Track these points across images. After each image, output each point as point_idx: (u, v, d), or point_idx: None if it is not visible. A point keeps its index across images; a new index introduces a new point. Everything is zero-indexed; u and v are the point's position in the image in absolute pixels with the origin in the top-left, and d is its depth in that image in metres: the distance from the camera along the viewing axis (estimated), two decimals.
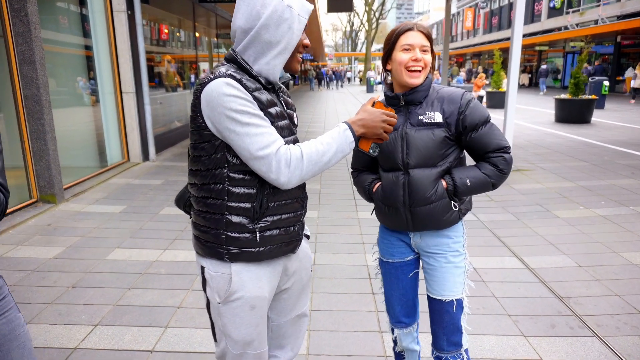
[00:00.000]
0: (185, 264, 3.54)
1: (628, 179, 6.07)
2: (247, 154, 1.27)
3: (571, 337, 2.59)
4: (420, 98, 1.69)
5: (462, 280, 1.77)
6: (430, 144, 1.66)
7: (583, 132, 10.39)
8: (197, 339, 2.58)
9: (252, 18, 1.29)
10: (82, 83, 6.33)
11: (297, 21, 1.32)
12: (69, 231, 4.23)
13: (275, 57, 1.33)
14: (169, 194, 5.50)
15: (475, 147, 1.70)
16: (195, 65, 10.91)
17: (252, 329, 1.45)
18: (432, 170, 1.68)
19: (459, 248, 1.78)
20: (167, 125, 8.92)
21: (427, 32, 1.68)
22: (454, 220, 1.73)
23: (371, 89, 30.86)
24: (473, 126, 1.67)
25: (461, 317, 1.77)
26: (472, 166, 1.73)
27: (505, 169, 1.69)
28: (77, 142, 6.22)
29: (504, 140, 1.70)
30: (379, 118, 1.39)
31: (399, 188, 1.70)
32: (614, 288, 3.15)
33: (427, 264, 1.80)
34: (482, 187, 1.70)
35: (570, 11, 26.86)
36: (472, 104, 1.67)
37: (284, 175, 1.28)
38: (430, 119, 1.67)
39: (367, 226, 4.41)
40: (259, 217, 1.37)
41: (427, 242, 1.78)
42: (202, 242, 1.42)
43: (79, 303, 2.95)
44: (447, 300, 1.75)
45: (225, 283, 1.40)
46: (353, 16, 60.80)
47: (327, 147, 1.32)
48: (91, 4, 6.48)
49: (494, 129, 1.70)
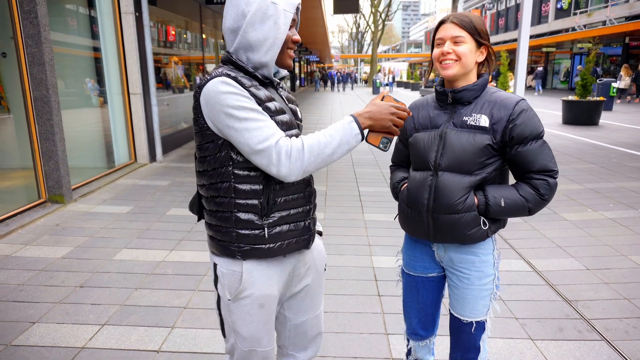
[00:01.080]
0: (192, 265, 3.55)
1: (636, 182, 6.02)
2: (248, 148, 1.28)
3: (579, 341, 2.57)
4: (470, 98, 1.56)
5: (486, 303, 1.63)
6: (469, 149, 1.51)
7: (591, 134, 10.32)
8: (203, 339, 2.58)
9: (238, 18, 1.32)
10: (90, 84, 6.38)
11: (282, 16, 1.32)
12: (77, 231, 4.26)
13: (265, 53, 1.33)
14: (175, 195, 5.52)
15: (518, 163, 1.54)
16: (202, 66, 10.96)
17: (261, 326, 1.46)
18: (464, 177, 1.53)
19: (486, 268, 1.62)
20: (173, 127, 8.96)
21: (463, 21, 1.52)
22: (480, 237, 1.57)
23: (377, 90, 30.87)
24: (521, 139, 1.50)
25: (480, 337, 1.66)
26: (510, 186, 1.57)
27: (547, 195, 1.52)
28: (85, 142, 6.27)
29: (553, 163, 1.52)
30: (387, 111, 1.34)
31: (425, 190, 1.58)
32: (622, 291, 3.12)
33: (450, 280, 1.69)
34: (517, 211, 1.54)
35: (578, 12, 26.71)
36: (527, 114, 1.50)
37: (285, 167, 1.27)
38: (475, 122, 1.53)
39: (373, 228, 4.41)
40: (267, 213, 1.37)
41: (452, 257, 1.65)
42: (214, 241, 1.44)
43: (87, 303, 2.97)
44: (466, 321, 1.66)
45: (236, 281, 1.41)
46: (359, 17, 60.84)
47: (330, 138, 1.30)
48: (100, 6, 6.54)
49: (544, 148, 1.52)
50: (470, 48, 1.52)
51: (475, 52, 1.54)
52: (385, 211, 4.93)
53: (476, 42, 1.52)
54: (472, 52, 1.52)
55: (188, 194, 5.55)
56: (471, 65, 1.54)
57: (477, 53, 1.54)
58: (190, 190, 5.70)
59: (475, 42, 1.52)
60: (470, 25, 1.51)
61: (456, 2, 11.60)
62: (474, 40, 1.52)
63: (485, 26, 1.56)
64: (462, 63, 1.52)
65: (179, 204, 5.14)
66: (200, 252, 3.80)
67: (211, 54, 11.73)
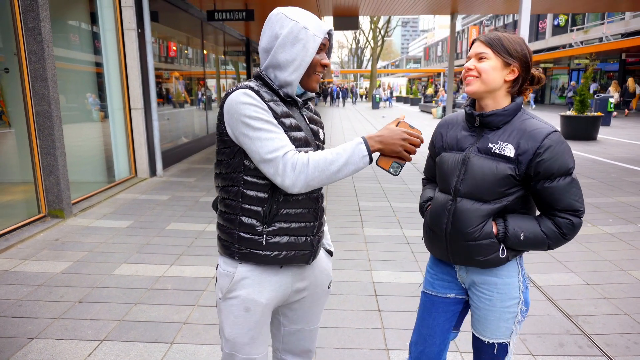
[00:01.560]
0: (192, 280, 3.54)
1: (635, 196, 6.03)
2: (258, 156, 1.35)
3: (580, 357, 2.55)
4: (499, 123, 1.50)
5: (509, 326, 1.57)
6: (490, 178, 1.46)
7: (589, 149, 10.37)
8: (203, 355, 2.57)
9: (272, 39, 1.42)
10: (91, 99, 6.43)
11: (312, 40, 1.40)
12: (77, 246, 4.25)
13: (291, 73, 1.42)
14: (175, 209, 5.53)
15: (542, 198, 1.47)
16: (203, 81, 11.06)
17: (244, 331, 1.49)
18: (482, 205, 1.49)
19: (510, 291, 1.55)
20: (174, 142, 9.01)
21: (489, 39, 1.49)
22: (499, 262, 1.52)
23: (377, 105, 31.04)
24: (548, 175, 1.43)
25: (503, 359, 1.62)
26: (533, 218, 1.52)
27: (569, 235, 1.46)
28: (86, 157, 6.30)
29: (580, 203, 1.45)
30: (399, 136, 1.36)
31: (444, 214, 1.56)
32: (623, 307, 3.12)
33: (472, 300, 1.64)
34: (536, 246, 1.49)
35: (575, 29, 27.06)
36: (556, 149, 1.42)
37: (289, 179, 1.32)
38: (500, 150, 1.47)
39: (373, 242, 4.41)
40: (268, 222, 1.43)
41: (473, 279, 1.60)
42: (220, 240, 1.52)
43: (86, 318, 2.96)
44: (487, 342, 1.61)
45: (228, 281, 1.48)
46: (359, 34, 61.52)
47: (337, 157, 1.34)
48: (102, 22, 6.63)
49: (572, 186, 1.44)
50: (492, 65, 1.47)
51: (502, 70, 1.48)
52: (385, 226, 4.93)
53: (503, 60, 1.47)
54: (496, 69, 1.47)
55: (188, 208, 5.56)
56: (495, 83, 1.48)
57: (504, 71, 1.48)
58: (190, 205, 5.70)
59: (501, 60, 1.47)
60: (496, 42, 1.47)
61: (454, 19, 11.76)
62: (500, 58, 1.47)
63: (525, 45, 1.50)
64: (482, 79, 1.48)
65: (179, 218, 5.14)
66: (200, 267, 3.79)
67: (212, 70, 11.85)
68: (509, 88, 1.52)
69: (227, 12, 9.23)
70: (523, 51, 1.50)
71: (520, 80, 1.52)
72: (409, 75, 65.55)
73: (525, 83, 1.54)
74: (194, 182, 7.06)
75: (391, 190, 6.62)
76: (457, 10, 11.54)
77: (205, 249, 4.21)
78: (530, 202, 1.56)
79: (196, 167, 8.47)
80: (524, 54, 1.50)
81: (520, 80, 1.52)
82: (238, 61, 14.86)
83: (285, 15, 1.41)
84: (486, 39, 1.50)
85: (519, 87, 1.54)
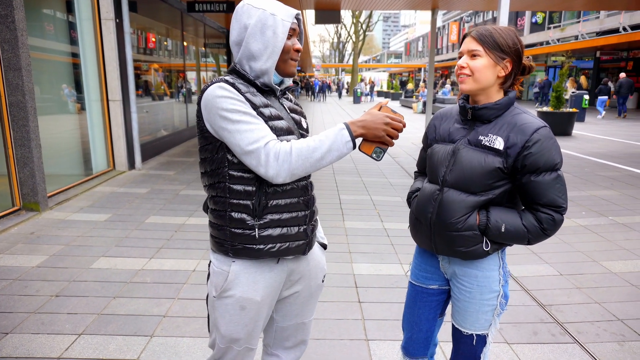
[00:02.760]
0: (172, 273, 3.52)
1: (607, 190, 6.22)
2: (239, 149, 1.34)
3: (553, 344, 2.64)
4: (490, 117, 1.51)
5: (488, 318, 1.60)
6: (477, 170, 1.48)
7: (565, 145, 10.62)
8: (183, 348, 2.56)
9: (241, 30, 1.41)
10: (67, 90, 6.29)
11: (281, 25, 1.40)
12: (53, 239, 4.18)
13: (265, 60, 1.41)
14: (155, 202, 5.46)
15: (527, 192, 1.49)
16: (183, 74, 10.91)
17: (240, 327, 1.49)
18: (469, 197, 1.50)
19: (490, 283, 1.58)
20: (153, 134, 8.88)
21: (481, 35, 1.47)
22: (480, 254, 1.54)
23: (358, 99, 31.13)
24: (534, 169, 1.44)
25: (482, 351, 1.64)
26: (515, 212, 1.53)
27: (550, 231, 1.48)
28: (62, 149, 6.16)
29: (563, 199, 1.46)
30: (382, 121, 1.35)
31: (430, 204, 1.58)
32: (594, 296, 3.22)
33: (453, 291, 1.68)
34: (516, 239, 1.51)
35: (552, 27, 27.57)
36: (544, 143, 1.43)
37: (273, 169, 1.31)
38: (489, 143, 1.48)
39: (353, 235, 4.44)
40: (258, 215, 1.41)
41: (455, 270, 1.63)
42: (212, 238, 1.51)
43: (63, 312, 2.91)
44: (466, 333, 1.64)
45: (223, 279, 1.47)
46: (340, 28, 61.44)
47: (320, 144, 1.33)
48: (79, 12, 6.47)
49: (557, 182, 1.46)
50: (485, 63, 1.47)
51: (495, 67, 1.48)
52: (366, 219, 4.98)
53: (496, 56, 1.47)
54: (489, 67, 1.47)
55: (167, 201, 5.50)
56: (488, 81, 1.49)
57: (497, 68, 1.48)
58: (170, 198, 5.65)
59: (494, 57, 1.47)
60: (489, 39, 1.46)
61: (435, 14, 11.85)
62: (493, 55, 1.47)
63: (517, 38, 1.50)
64: (475, 78, 1.48)
65: (158, 211, 5.09)
66: (180, 259, 3.77)
67: (192, 62, 11.69)
68: (502, 83, 1.53)
69: (208, 3, 9.10)
70: (515, 45, 1.49)
71: (513, 74, 1.52)
72: (390, 70, 65.83)
73: (517, 74, 1.54)
74: (174, 175, 6.99)
75: (372, 184, 6.67)
76: (437, 6, 11.62)
77: (185, 242, 4.18)
78: (517, 198, 1.57)
79: (176, 160, 8.38)
80: (517, 49, 1.49)
81: (512, 75, 1.52)
82: (219, 54, 14.70)
83: (252, 5, 1.40)
84: (478, 35, 1.48)
85: (512, 81, 1.54)
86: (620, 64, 23.43)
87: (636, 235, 4.45)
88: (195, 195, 5.83)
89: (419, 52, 61.10)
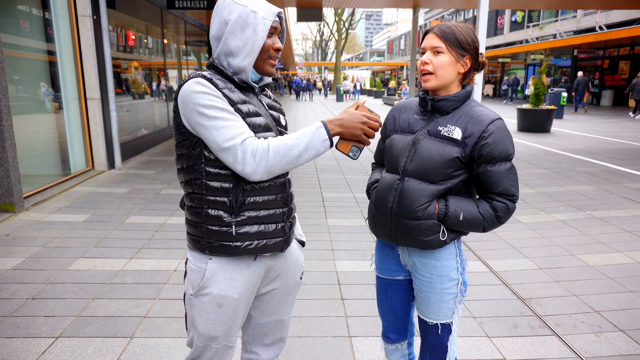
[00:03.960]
0: (152, 273, 3.47)
1: (584, 185, 6.35)
2: (215, 146, 1.32)
3: (532, 337, 2.68)
4: (449, 108, 1.56)
5: (450, 306, 1.65)
6: (436, 159, 1.52)
7: (543, 141, 10.81)
8: (164, 348, 2.53)
9: (222, 26, 1.40)
10: (44, 89, 6.15)
11: (261, 24, 1.39)
12: (29, 241, 4.08)
13: (243, 58, 1.40)
14: (135, 202, 5.38)
15: (482, 181, 1.54)
16: (164, 72, 10.77)
17: (218, 325, 1.48)
18: (428, 186, 1.54)
19: (449, 272, 1.63)
20: (133, 133, 8.74)
21: (444, 32, 1.52)
22: (439, 244, 1.58)
23: (341, 97, 31.15)
24: (490, 158, 1.50)
25: (447, 339, 1.69)
26: (471, 200, 1.59)
27: (503, 218, 1.55)
28: (39, 149, 6.02)
29: (515, 188, 1.54)
30: (359, 119, 1.37)
31: (391, 193, 1.60)
32: (571, 289, 3.29)
33: (414, 283, 1.72)
34: (472, 227, 1.56)
35: (531, 25, 28.01)
36: (499, 134, 1.50)
37: (250, 166, 1.30)
38: (448, 133, 1.53)
39: (336, 232, 4.45)
40: (235, 212, 1.40)
41: (415, 262, 1.67)
42: (189, 235, 1.49)
43: (39, 315, 2.85)
44: (431, 323, 1.68)
45: (199, 277, 1.45)
46: (323, 26, 61.45)
47: (297, 141, 1.33)
48: (55, 8, 6.32)
49: (511, 172, 1.53)
50: (448, 60, 1.51)
51: (456, 64, 1.53)
52: (348, 216, 4.98)
53: (457, 53, 1.52)
54: (451, 64, 1.52)
55: (148, 201, 5.42)
56: (450, 77, 1.54)
57: (458, 64, 1.53)
58: (151, 198, 5.57)
59: (456, 53, 1.52)
60: (451, 36, 1.51)
61: (417, 13, 11.93)
62: (455, 52, 1.51)
63: (474, 35, 1.56)
64: (438, 75, 1.52)
65: (139, 211, 5.01)
66: (161, 259, 3.72)
67: (173, 60, 11.55)
68: (461, 79, 1.59)
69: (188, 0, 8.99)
70: (474, 43, 1.55)
71: (471, 70, 1.59)
72: (373, 68, 66.10)
73: (473, 70, 1.60)
74: (155, 175, 6.90)
75: (354, 182, 6.69)
76: (419, 4, 11.71)
77: (166, 241, 4.13)
78: (472, 187, 1.63)
79: (157, 159, 8.27)
80: (475, 47, 1.55)
81: (470, 71, 1.59)
82: (200, 51, 14.54)
83: (233, 0, 1.39)
84: (440, 32, 1.52)
85: (470, 77, 1.60)
86: (597, 62, 23.94)
87: (612, 229, 4.55)
88: (177, 194, 5.76)
89: (402, 50, 61.46)
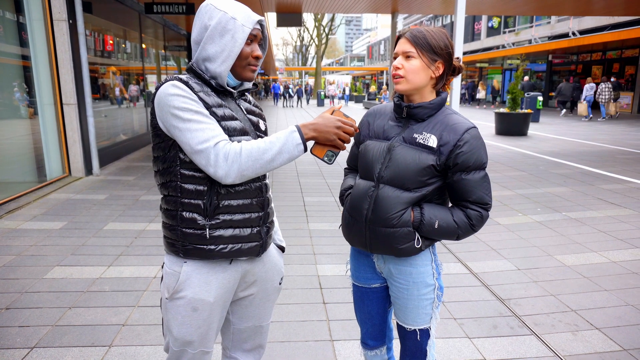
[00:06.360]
0: (131, 280, 3.41)
1: (561, 187, 6.49)
2: (189, 148, 1.33)
3: (511, 337, 2.72)
4: (424, 115, 1.56)
5: (428, 312, 1.66)
6: (412, 166, 1.51)
7: (521, 144, 11.02)
8: (144, 356, 2.49)
9: (202, 30, 1.41)
10: (18, 94, 6.01)
11: (240, 31, 1.39)
12: (3, 250, 3.97)
13: (220, 64, 1.41)
14: (113, 208, 5.29)
15: (456, 190, 1.55)
16: (142, 77, 10.64)
17: (193, 329, 1.46)
18: (404, 193, 1.53)
19: (424, 278, 1.63)
20: (112, 139, 8.61)
21: (415, 37, 1.51)
22: (414, 251, 1.58)
23: (322, 102, 31.23)
24: (464, 167, 1.51)
25: (426, 343, 1.69)
26: (446, 208, 1.59)
27: (477, 226, 1.56)
28: (13, 155, 5.88)
29: (489, 197, 1.55)
30: (333, 124, 1.37)
31: (366, 200, 1.58)
32: (549, 289, 3.35)
33: (391, 290, 1.71)
34: (447, 235, 1.56)
35: (507, 31, 28.60)
36: (474, 143, 1.50)
37: (222, 169, 1.31)
38: (423, 141, 1.53)
39: (318, 237, 4.45)
40: (210, 215, 1.40)
41: (390, 269, 1.66)
42: (165, 238, 1.48)
43: (14, 325, 2.77)
44: (410, 329, 1.68)
45: (174, 280, 1.44)
46: (303, 31, 61.60)
47: (270, 145, 1.33)
48: (29, 12, 6.19)
49: (484, 180, 1.54)
50: (419, 65, 1.51)
51: (428, 69, 1.52)
52: (330, 220, 4.99)
53: (429, 58, 1.51)
54: (423, 68, 1.51)
55: (127, 207, 5.34)
56: (421, 82, 1.53)
57: (430, 69, 1.53)
58: (130, 204, 5.48)
59: (427, 59, 1.51)
60: (422, 41, 1.50)
61: (395, 18, 12.07)
62: (426, 57, 1.51)
63: (448, 40, 1.55)
64: (409, 79, 1.52)
65: (117, 218, 4.93)
66: (140, 266, 3.66)
67: (152, 65, 11.42)
68: (434, 85, 1.59)
69: (167, 4, 8.92)
70: (447, 48, 1.54)
71: (445, 75, 1.58)
72: (353, 73, 66.51)
73: (448, 75, 1.60)
74: (134, 181, 6.79)
75: (336, 186, 6.71)
76: (397, 9, 11.85)
77: (145, 248, 4.06)
78: (445, 195, 1.63)
79: (136, 165, 8.15)
80: (448, 52, 1.55)
81: (445, 76, 1.59)
82: (180, 57, 14.42)
83: (214, 6, 1.39)
84: (412, 37, 1.52)
85: (444, 82, 1.60)
86: (571, 67, 24.57)
87: (587, 229, 4.66)
88: (156, 200, 5.68)
89: (381, 55, 62.01)
